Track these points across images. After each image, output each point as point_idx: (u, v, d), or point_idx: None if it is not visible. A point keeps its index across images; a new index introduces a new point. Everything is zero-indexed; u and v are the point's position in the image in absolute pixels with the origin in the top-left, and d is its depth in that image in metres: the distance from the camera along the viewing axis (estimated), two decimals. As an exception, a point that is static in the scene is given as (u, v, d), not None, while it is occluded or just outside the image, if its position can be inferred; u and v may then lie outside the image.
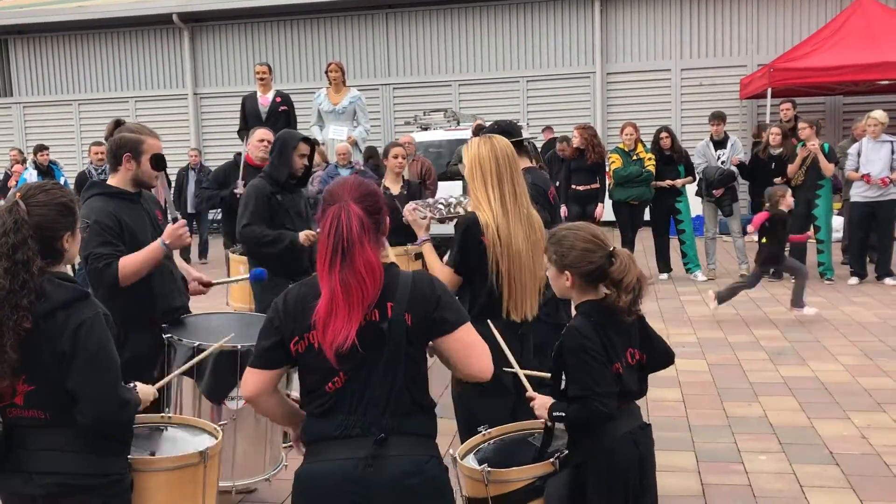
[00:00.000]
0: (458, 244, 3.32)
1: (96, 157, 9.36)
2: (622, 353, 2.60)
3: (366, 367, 2.18)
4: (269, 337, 2.25)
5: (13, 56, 17.22)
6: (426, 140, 11.98)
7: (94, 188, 3.60)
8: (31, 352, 2.24)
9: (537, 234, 3.33)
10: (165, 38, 16.57)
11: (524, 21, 15.37)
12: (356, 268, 2.15)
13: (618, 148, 9.47)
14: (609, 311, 2.59)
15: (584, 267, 2.61)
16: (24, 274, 2.21)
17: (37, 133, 16.62)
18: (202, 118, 16.41)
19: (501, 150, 3.29)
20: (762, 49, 14.56)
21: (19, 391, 2.28)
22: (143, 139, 3.58)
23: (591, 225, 2.78)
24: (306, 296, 2.23)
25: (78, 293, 2.32)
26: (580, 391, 2.53)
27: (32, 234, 2.24)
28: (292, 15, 15.92)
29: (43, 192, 2.34)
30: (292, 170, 4.94)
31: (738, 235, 9.61)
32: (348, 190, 2.24)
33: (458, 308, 2.32)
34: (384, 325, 2.17)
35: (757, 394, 5.39)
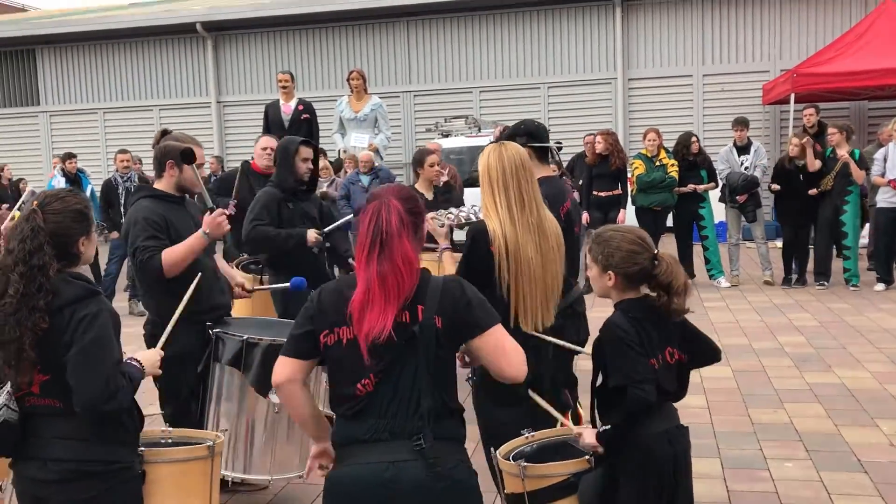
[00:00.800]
0: (466, 252, 3.33)
1: (122, 164, 9.47)
2: (660, 351, 2.64)
3: (396, 369, 2.20)
4: (302, 326, 2.30)
5: (40, 66, 17.47)
6: (448, 147, 11.99)
7: (141, 191, 3.88)
8: (44, 344, 2.36)
9: (550, 242, 3.28)
10: (189, 47, 16.75)
11: (545, 27, 15.37)
12: (394, 260, 2.18)
13: (641, 154, 9.45)
14: (648, 308, 2.64)
15: (629, 268, 2.66)
16: (40, 277, 2.34)
17: (63, 141, 16.85)
18: (225, 126, 16.56)
19: (509, 157, 3.25)
20: (785, 54, 14.46)
21: (36, 380, 2.40)
22: (186, 149, 3.72)
23: (637, 227, 2.81)
24: (342, 290, 2.27)
25: (87, 290, 2.44)
26: (620, 379, 2.57)
27: (49, 240, 2.38)
28: (314, 23, 16.04)
29: (58, 199, 2.48)
30: (297, 175, 5.01)
31: (761, 241, 9.55)
32: (391, 191, 2.32)
33: (489, 309, 2.32)
34: (415, 328, 2.19)
35: (782, 400, 5.36)
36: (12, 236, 2.40)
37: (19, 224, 2.40)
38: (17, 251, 2.35)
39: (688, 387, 2.79)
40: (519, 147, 3.40)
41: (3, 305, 2.34)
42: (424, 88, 15.90)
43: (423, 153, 6.46)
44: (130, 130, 16.87)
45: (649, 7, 15.00)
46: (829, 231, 8.99)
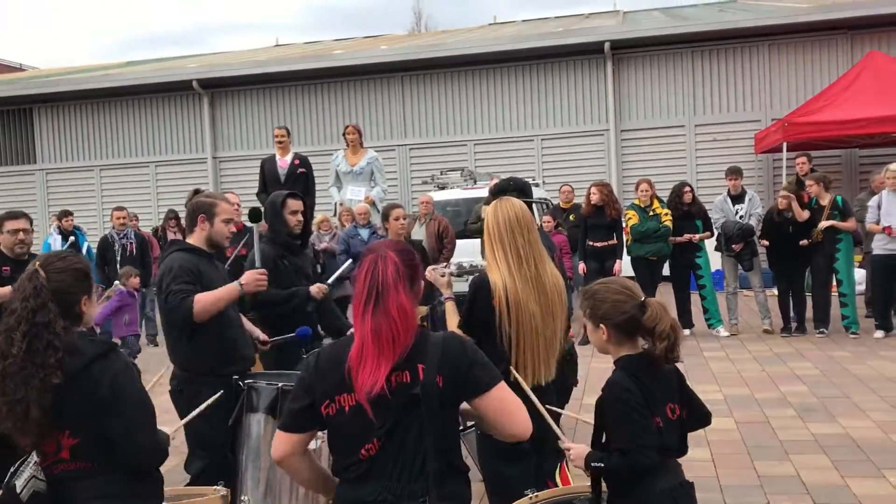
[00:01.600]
0: (468, 304, 3.32)
1: (118, 221, 9.48)
2: (662, 408, 2.60)
3: (399, 431, 2.16)
4: (300, 399, 2.25)
5: (37, 124, 17.61)
6: (444, 199, 12.05)
7: (174, 245, 3.97)
8: (69, 405, 2.34)
9: (549, 296, 3.28)
10: (185, 104, 16.92)
11: (537, 81, 15.59)
12: (389, 312, 2.16)
13: (634, 204, 9.49)
14: (648, 364, 2.61)
15: (617, 317, 2.64)
16: (47, 335, 2.33)
17: (59, 199, 16.91)
18: (222, 181, 16.63)
19: (503, 212, 3.30)
20: (776, 103, 14.66)
21: (64, 445, 2.36)
22: (217, 202, 3.93)
23: (623, 278, 2.81)
24: (338, 354, 2.23)
25: (109, 346, 2.48)
26: (622, 444, 2.53)
27: (52, 299, 2.39)
28: (309, 79, 16.25)
29: (60, 259, 2.51)
30: (288, 228, 5.01)
31: (759, 290, 9.54)
32: (387, 244, 2.32)
33: (490, 367, 2.30)
34: (417, 390, 2.15)
35: (787, 452, 5.28)
36: (14, 297, 2.41)
37: (21, 283, 2.42)
38: (20, 309, 2.35)
39: (687, 442, 2.75)
40: (517, 202, 3.42)
41: (7, 365, 2.32)
42: (420, 142, 16.05)
43: (388, 208, 6.72)
44: (127, 187, 16.97)
45: (640, 59, 15.24)
46: (825, 279, 8.99)
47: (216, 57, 21.43)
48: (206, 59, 21.08)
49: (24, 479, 2.36)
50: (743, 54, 14.89)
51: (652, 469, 2.54)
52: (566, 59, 15.43)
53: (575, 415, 3.43)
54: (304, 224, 5.16)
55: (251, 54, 20.79)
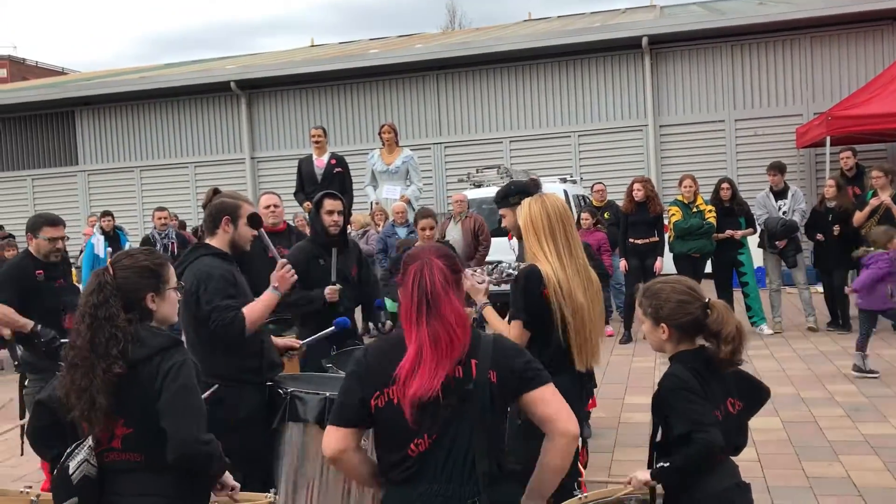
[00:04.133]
0: (522, 297, 3.30)
1: (159, 221, 9.58)
2: (721, 402, 2.57)
3: (450, 428, 2.14)
4: (351, 393, 2.24)
5: (79, 126, 17.90)
6: (479, 197, 11.99)
7: (200, 248, 3.80)
8: (128, 395, 2.40)
9: (594, 286, 3.39)
10: (223, 105, 17.06)
11: (573, 76, 15.46)
12: (445, 318, 2.14)
13: (677, 200, 9.35)
14: (705, 360, 2.58)
15: (681, 319, 2.61)
16: (108, 328, 2.41)
17: (100, 199, 17.17)
18: (259, 182, 16.75)
19: (553, 206, 3.36)
20: (818, 97, 14.37)
21: (118, 434, 2.42)
22: (241, 204, 3.81)
23: (685, 277, 2.77)
24: (389, 350, 2.23)
25: (172, 340, 2.50)
26: (685, 426, 2.49)
27: (116, 294, 2.46)
28: (345, 79, 16.29)
29: (128, 256, 2.59)
30: (324, 227, 5.00)
31: (803, 287, 9.35)
32: (429, 250, 2.29)
33: (540, 366, 2.29)
34: (470, 385, 2.13)
35: (837, 453, 5.15)
36: (84, 293, 2.52)
37: (90, 279, 2.52)
38: (84, 304, 2.46)
39: (747, 436, 2.70)
40: (559, 197, 3.47)
41: (74, 356, 2.42)
42: (454, 140, 16.01)
43: (417, 215, 6.89)
44: (166, 187, 17.17)
45: (678, 53, 15.03)
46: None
47: (253, 58, 21.60)
48: (242, 60, 21.26)
49: (77, 462, 2.40)
50: (784, 47, 14.61)
51: (718, 447, 2.47)
52: (603, 55, 15.27)
53: None
54: (344, 223, 5.17)
55: (287, 55, 20.92)
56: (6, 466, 5.88)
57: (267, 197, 6.26)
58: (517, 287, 3.36)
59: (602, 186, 11.30)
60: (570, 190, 11.47)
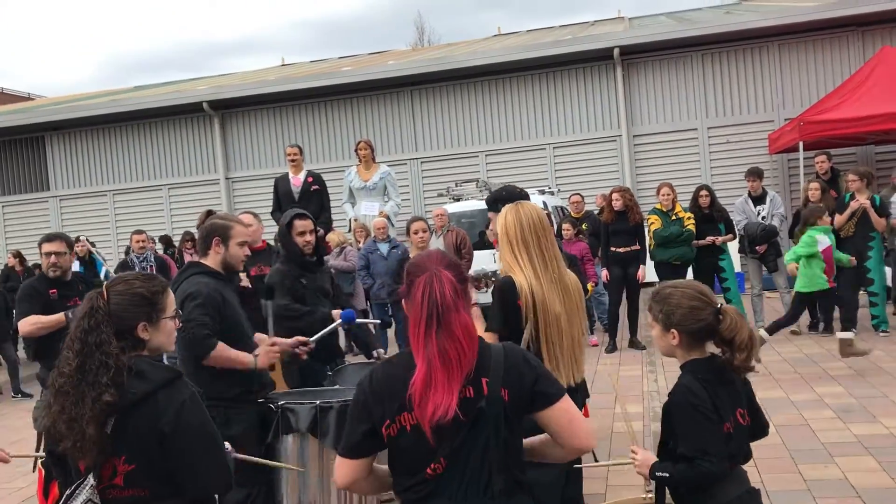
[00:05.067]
0: (499, 307, 3.26)
1: (138, 245, 9.43)
2: (732, 413, 2.52)
3: (465, 448, 2.07)
4: (359, 424, 2.15)
5: (49, 151, 17.66)
6: (459, 210, 11.99)
7: (193, 267, 3.84)
8: (131, 431, 2.29)
9: (572, 297, 3.30)
10: (196, 126, 16.93)
11: (547, 89, 15.55)
12: (454, 333, 2.06)
13: (656, 209, 9.41)
14: (717, 369, 2.54)
15: (692, 325, 2.56)
16: (99, 354, 2.29)
17: (73, 225, 16.91)
18: (235, 202, 16.62)
19: (527, 215, 3.28)
20: (788, 103, 14.57)
21: (119, 471, 2.31)
22: (232, 225, 3.84)
23: (696, 282, 2.72)
24: (394, 374, 2.14)
25: (174, 373, 2.40)
26: (690, 451, 2.46)
27: (107, 320, 2.35)
28: (319, 97, 16.24)
29: (123, 282, 2.46)
30: (298, 249, 5.00)
31: (785, 291, 9.43)
32: (435, 260, 2.19)
33: (554, 379, 2.24)
34: (482, 404, 2.07)
35: (832, 454, 5.17)
36: (75, 315, 2.43)
37: (83, 303, 2.42)
38: (75, 329, 2.36)
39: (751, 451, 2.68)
40: (536, 206, 3.42)
41: (63, 383, 2.31)
42: (431, 155, 16.01)
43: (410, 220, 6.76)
44: (140, 210, 16.98)
45: (649, 64, 15.18)
46: (854, 277, 8.87)
47: (225, 78, 21.48)
48: (214, 80, 21.13)
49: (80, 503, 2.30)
50: (753, 55, 14.81)
51: (720, 476, 2.47)
52: (575, 67, 15.38)
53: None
54: (318, 242, 5.16)
55: (259, 74, 20.84)
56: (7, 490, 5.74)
57: (244, 216, 6.21)
58: (494, 298, 3.32)
59: (579, 198, 11.35)
60: (549, 201, 11.49)
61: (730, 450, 2.49)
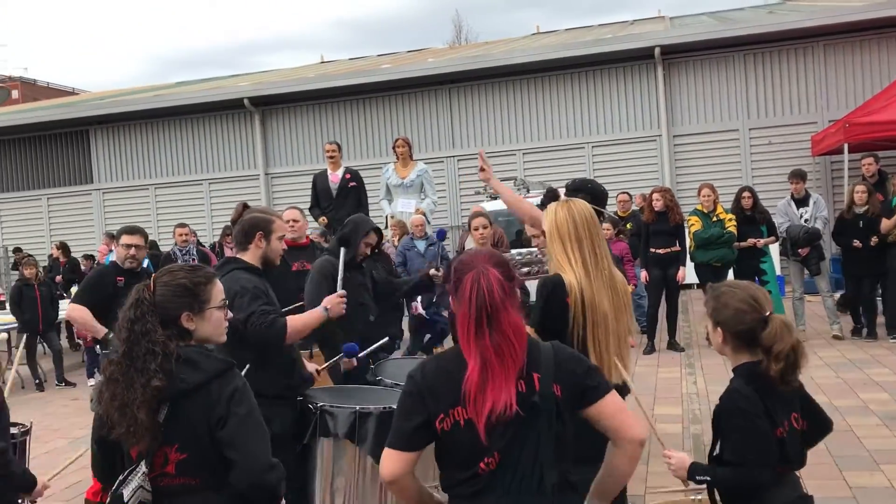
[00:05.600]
0: (542, 305, 3.23)
1: (181, 238, 9.58)
2: (786, 417, 2.50)
3: (517, 444, 2.08)
4: (412, 415, 2.15)
5: (93, 145, 17.98)
6: (496, 209, 11.97)
7: (231, 263, 3.76)
8: (183, 420, 2.34)
9: (621, 297, 3.26)
10: (237, 122, 17.12)
11: (586, 87, 15.47)
12: (505, 332, 2.07)
13: (696, 210, 9.31)
14: (767, 374, 2.51)
15: (735, 327, 2.56)
16: (145, 342, 2.36)
17: (115, 217, 17.19)
18: (273, 197, 16.78)
19: (579, 213, 3.24)
20: (832, 105, 14.33)
21: (171, 459, 2.36)
22: (274, 219, 3.78)
23: (753, 285, 2.70)
24: (447, 369, 2.15)
25: (228, 364, 2.44)
26: (734, 456, 2.46)
27: (153, 311, 2.42)
28: (358, 94, 16.33)
29: (168, 273, 2.52)
30: (356, 254, 5.01)
31: (827, 295, 9.28)
32: (483, 258, 2.19)
33: (601, 373, 2.25)
34: (535, 399, 2.08)
35: (877, 462, 5.08)
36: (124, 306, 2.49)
37: (131, 294, 2.50)
38: (122, 319, 2.43)
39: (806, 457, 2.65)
40: (586, 204, 3.37)
41: (113, 370, 2.39)
42: (468, 153, 15.98)
43: (471, 216, 6.66)
44: (181, 204, 17.21)
45: (690, 63, 15.03)
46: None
47: (265, 75, 21.70)
48: (255, 77, 21.35)
49: (132, 490, 2.36)
50: (797, 56, 14.59)
51: (761, 484, 2.45)
52: (615, 66, 15.27)
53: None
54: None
55: (300, 71, 21.00)
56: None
57: (289, 212, 6.26)
58: (540, 295, 3.30)
59: (626, 196, 11.23)
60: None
61: (783, 455, 2.47)
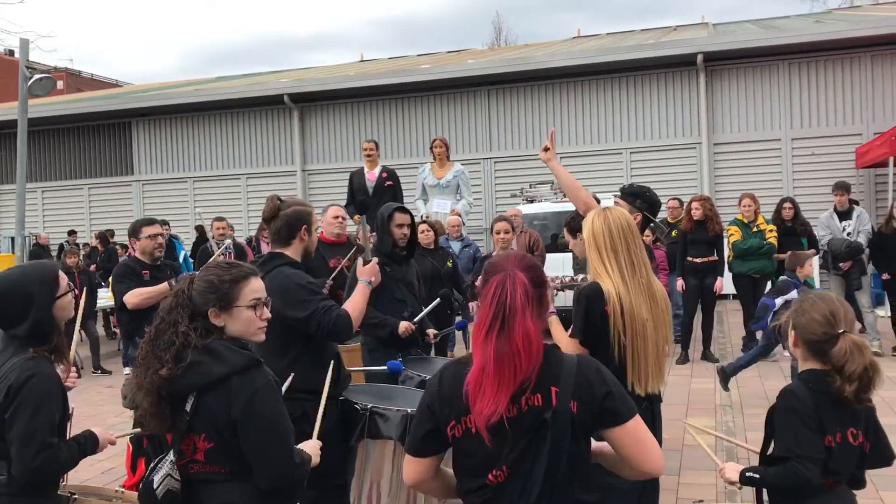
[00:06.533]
0: (583, 314, 3.21)
1: (218, 231, 9.65)
2: (840, 429, 2.49)
3: (528, 458, 2.03)
4: (424, 422, 2.16)
5: (135, 137, 18.26)
6: (532, 212, 11.94)
7: (275, 259, 3.64)
8: (206, 411, 2.37)
9: (660, 304, 3.24)
10: (276, 118, 17.27)
11: (626, 92, 15.36)
12: (513, 338, 2.02)
13: (737, 220, 9.19)
14: (831, 384, 2.51)
15: (806, 335, 2.60)
16: (170, 332, 2.41)
17: (154, 209, 17.45)
18: (310, 194, 16.90)
19: (616, 221, 3.22)
20: (878, 116, 14.07)
21: (200, 448, 2.40)
22: (311, 211, 3.75)
23: (840, 301, 2.66)
24: (461, 375, 2.10)
25: (252, 360, 2.43)
26: (783, 451, 2.49)
27: (186, 303, 2.47)
28: (397, 94, 16.38)
29: (206, 269, 2.56)
30: (393, 239, 5.06)
31: (868, 310, 9.10)
32: (513, 261, 2.16)
33: (627, 398, 2.15)
34: (548, 414, 2.02)
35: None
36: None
37: (179, 282, 2.56)
38: (161, 306, 2.51)
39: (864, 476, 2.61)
40: (625, 211, 3.37)
41: (139, 357, 2.46)
42: (505, 155, 15.98)
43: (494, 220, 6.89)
44: (219, 198, 17.41)
45: (733, 71, 14.85)
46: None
47: (305, 72, 21.85)
48: (295, 73, 21.51)
49: (161, 476, 2.40)
50: (843, 66, 14.35)
51: (812, 482, 2.42)
52: (657, 72, 15.15)
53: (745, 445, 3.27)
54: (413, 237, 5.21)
55: (339, 69, 21.11)
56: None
57: (334, 209, 6.35)
58: (578, 304, 3.28)
59: (677, 202, 11.01)
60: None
61: (829, 465, 2.46)
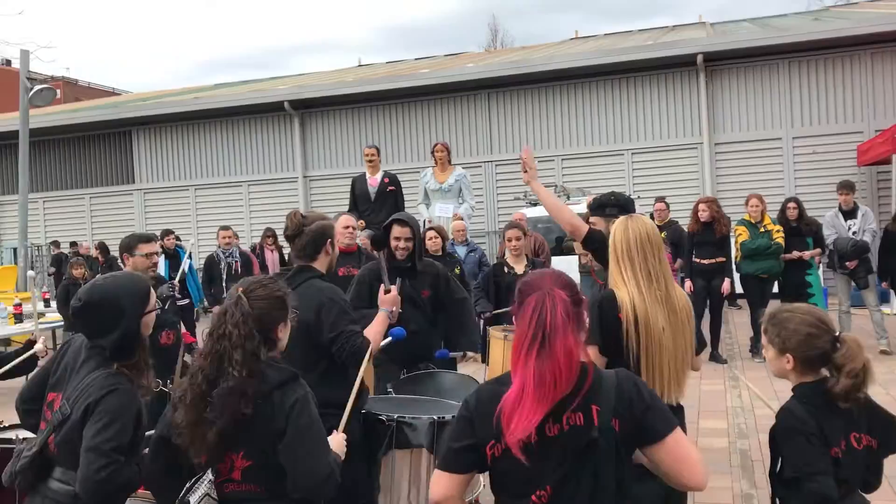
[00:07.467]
0: (598, 322, 3.20)
1: (224, 240, 9.65)
2: (843, 437, 2.48)
3: (572, 478, 2.02)
4: (462, 438, 2.12)
5: (135, 145, 18.25)
6: (535, 216, 11.96)
7: (306, 272, 3.60)
8: (249, 429, 2.38)
9: (678, 315, 3.19)
10: (277, 125, 17.26)
11: (626, 93, 15.36)
12: (556, 356, 2.01)
13: (744, 220, 9.18)
14: (826, 393, 2.50)
15: (808, 352, 2.55)
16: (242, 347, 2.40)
17: (156, 217, 17.44)
18: (312, 200, 16.89)
19: (635, 231, 3.22)
20: (879, 114, 14.08)
21: (237, 466, 2.40)
22: (333, 224, 3.74)
23: (815, 308, 2.67)
24: (499, 394, 2.08)
25: (291, 374, 2.46)
26: (794, 471, 2.46)
27: (247, 321, 2.43)
28: (397, 98, 16.38)
29: (261, 286, 2.54)
30: (393, 253, 4.93)
31: (875, 309, 9.10)
32: (550, 279, 2.15)
33: (667, 412, 2.14)
34: (594, 433, 2.01)
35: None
36: (221, 322, 2.45)
37: (229, 309, 2.46)
38: (234, 336, 2.40)
39: (881, 475, 2.59)
40: (647, 220, 3.35)
41: (193, 373, 2.44)
42: (506, 158, 15.98)
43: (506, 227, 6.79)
44: (220, 206, 17.40)
45: (733, 70, 14.86)
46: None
47: (304, 78, 21.85)
48: (295, 80, 21.50)
49: (199, 497, 2.39)
50: (843, 64, 14.36)
51: (834, 500, 2.42)
52: (657, 72, 15.15)
53: None
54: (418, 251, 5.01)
55: (338, 74, 21.12)
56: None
57: (345, 218, 6.33)
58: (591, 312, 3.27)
59: (663, 205, 11.07)
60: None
61: (839, 475, 2.45)
